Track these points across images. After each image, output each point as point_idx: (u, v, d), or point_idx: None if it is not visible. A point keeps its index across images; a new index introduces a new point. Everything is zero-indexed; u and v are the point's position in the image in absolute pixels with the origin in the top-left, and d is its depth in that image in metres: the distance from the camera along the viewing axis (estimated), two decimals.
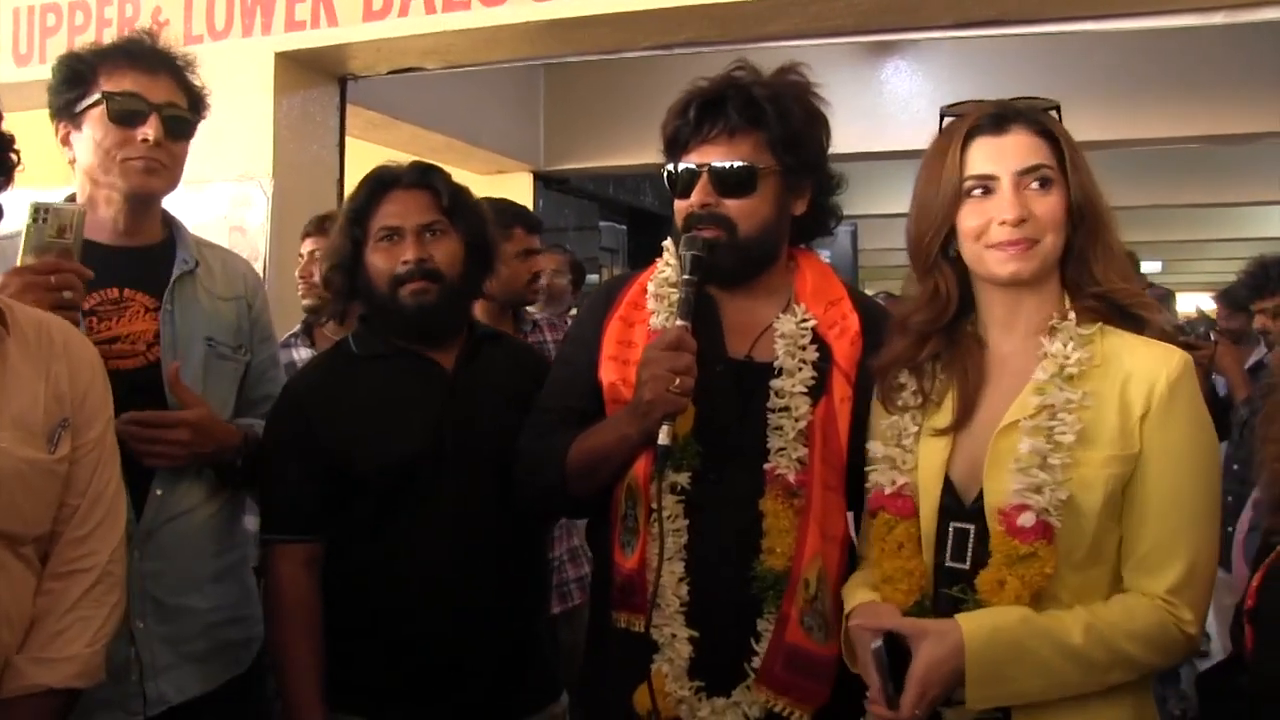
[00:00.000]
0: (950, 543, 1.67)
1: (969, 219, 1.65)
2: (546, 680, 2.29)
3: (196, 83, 2.25)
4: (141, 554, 2.03)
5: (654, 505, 1.82)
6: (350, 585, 2.12)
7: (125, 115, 2.11)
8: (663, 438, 1.77)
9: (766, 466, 1.87)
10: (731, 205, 1.90)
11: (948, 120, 1.74)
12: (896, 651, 1.57)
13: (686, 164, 1.93)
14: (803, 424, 1.87)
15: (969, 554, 1.63)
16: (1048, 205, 1.62)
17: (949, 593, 1.64)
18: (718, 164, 1.89)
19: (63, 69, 2.15)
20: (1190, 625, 1.56)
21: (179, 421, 2.06)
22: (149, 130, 2.10)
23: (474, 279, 2.25)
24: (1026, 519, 1.55)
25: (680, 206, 1.95)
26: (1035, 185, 1.62)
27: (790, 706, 1.81)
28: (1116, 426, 1.57)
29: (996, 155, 1.64)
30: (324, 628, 2.13)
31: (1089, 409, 1.58)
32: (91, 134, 2.11)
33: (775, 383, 1.90)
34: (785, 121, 1.91)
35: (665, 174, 1.97)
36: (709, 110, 1.91)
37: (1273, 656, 1.47)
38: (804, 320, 1.95)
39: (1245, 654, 1.54)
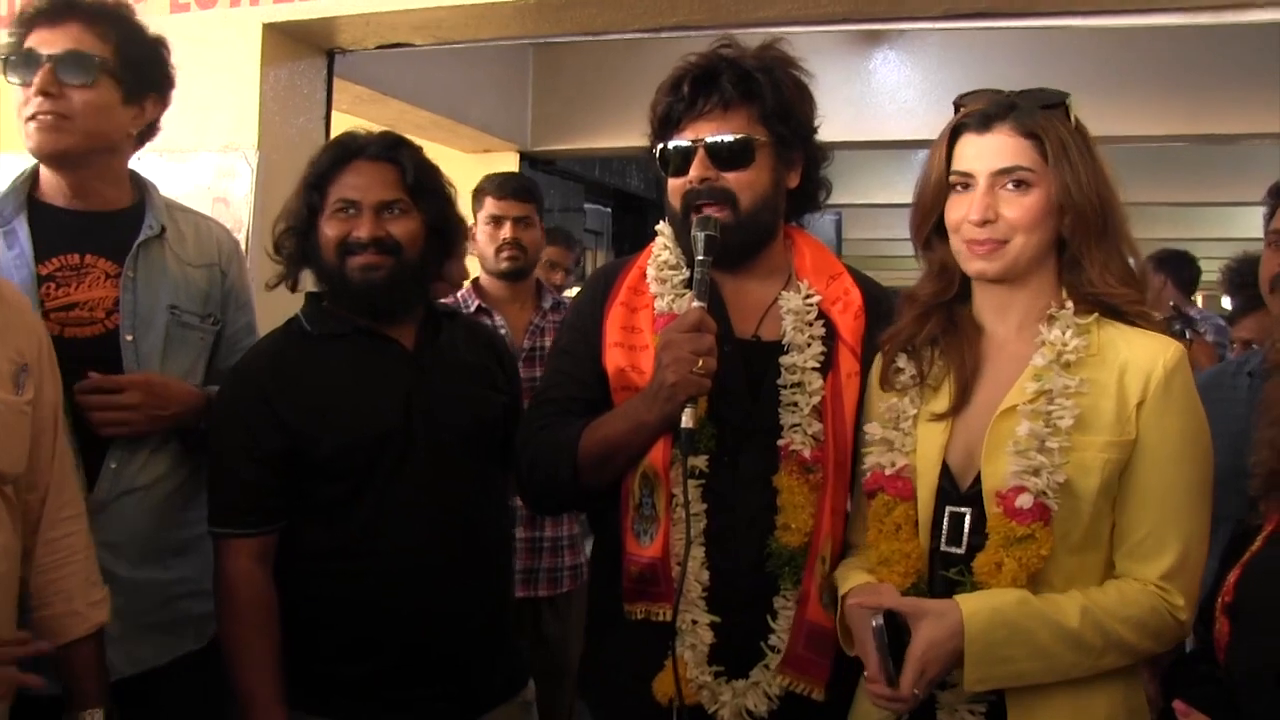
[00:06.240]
0: (946, 527, 1.69)
1: (951, 212, 1.71)
2: (516, 667, 2.25)
3: (132, 20, 2.11)
4: (94, 526, 1.94)
5: (674, 491, 1.79)
6: (311, 573, 2.05)
7: (20, 74, 2.00)
8: (686, 420, 1.75)
9: (781, 443, 1.86)
10: (731, 178, 1.89)
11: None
12: (894, 631, 1.59)
13: (680, 141, 1.91)
14: (816, 399, 1.87)
15: (964, 538, 1.66)
16: (1020, 207, 1.65)
17: (946, 575, 1.67)
18: (713, 138, 1.88)
19: (4, 40, 2.08)
20: (1182, 611, 1.60)
21: (129, 384, 2.01)
22: (35, 81, 1.97)
23: (433, 260, 2.17)
24: (1024, 500, 1.58)
25: (676, 184, 1.94)
26: (1010, 186, 1.65)
27: (809, 685, 1.81)
28: (1113, 413, 1.61)
29: (976, 154, 1.68)
30: (283, 621, 2.04)
31: (1086, 395, 1.61)
32: (12, 99, 2.02)
33: (786, 359, 1.90)
34: (778, 92, 1.91)
35: (658, 153, 1.95)
36: (702, 85, 1.89)
37: (1251, 649, 1.49)
38: (809, 296, 1.94)
39: (1215, 647, 1.56)
